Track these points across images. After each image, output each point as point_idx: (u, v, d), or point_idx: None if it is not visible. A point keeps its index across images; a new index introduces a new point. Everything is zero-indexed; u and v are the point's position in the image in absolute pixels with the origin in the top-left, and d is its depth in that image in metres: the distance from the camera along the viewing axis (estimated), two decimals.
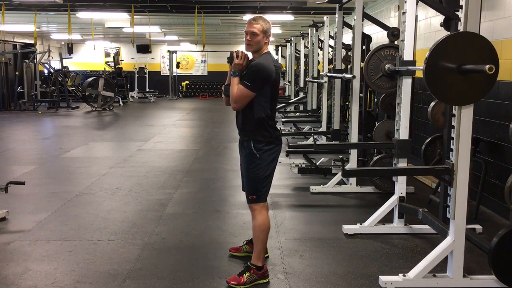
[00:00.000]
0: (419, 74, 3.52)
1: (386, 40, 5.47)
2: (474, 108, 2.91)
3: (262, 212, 3.12)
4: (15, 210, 4.55)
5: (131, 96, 19.22)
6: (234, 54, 3.03)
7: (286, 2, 9.88)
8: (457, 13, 3.21)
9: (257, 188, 3.09)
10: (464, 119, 2.91)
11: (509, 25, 4.36)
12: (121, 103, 16.81)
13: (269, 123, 3.06)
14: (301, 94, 11.35)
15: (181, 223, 4.29)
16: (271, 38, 3.18)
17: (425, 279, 3.03)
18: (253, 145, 3.05)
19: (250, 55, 3.10)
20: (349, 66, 6.83)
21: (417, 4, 3.83)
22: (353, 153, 5.34)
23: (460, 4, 2.87)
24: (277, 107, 10.66)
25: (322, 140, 7.35)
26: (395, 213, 4.02)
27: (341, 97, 6.57)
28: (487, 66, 2.54)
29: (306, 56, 10.96)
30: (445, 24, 3.63)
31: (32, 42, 15.01)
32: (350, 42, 5.75)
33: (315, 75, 9.00)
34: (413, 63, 3.82)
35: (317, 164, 6.03)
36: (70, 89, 17.07)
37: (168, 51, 20.86)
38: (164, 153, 7.69)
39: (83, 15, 11.28)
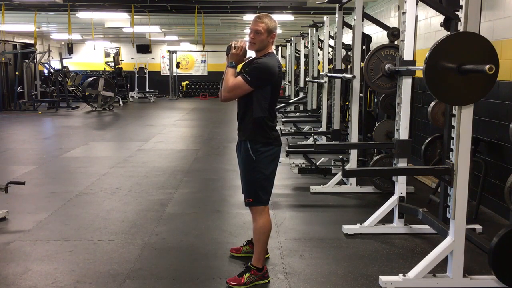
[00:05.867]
0: (419, 74, 3.52)
1: (386, 40, 5.47)
2: (474, 108, 2.91)
3: (262, 215, 3.07)
4: (15, 210, 4.55)
5: (131, 96, 19.22)
6: (232, 45, 2.99)
7: (286, 2, 9.88)
8: (457, 13, 3.21)
9: (254, 191, 3.03)
10: (464, 119, 2.90)
11: (509, 25, 4.36)
12: (121, 103, 16.81)
13: (267, 124, 2.99)
14: (301, 94, 11.34)
15: (181, 223, 4.29)
16: None
17: (425, 279, 3.03)
18: (250, 146, 2.99)
19: (253, 54, 3.05)
20: (349, 66, 6.82)
21: (417, 4, 3.83)
22: (353, 153, 5.34)
23: (460, 4, 2.87)
24: (277, 107, 10.76)
25: (322, 140, 7.35)
26: (395, 213, 4.02)
27: (341, 97, 6.57)
28: (487, 66, 2.54)
29: (306, 56, 10.96)
30: (445, 24, 3.63)
31: (32, 42, 15.01)
32: (350, 42, 5.75)
33: (315, 75, 8.99)
34: (413, 63, 3.82)
35: (317, 164, 6.03)
36: (70, 89, 17.07)
37: (168, 51, 20.86)
38: (164, 153, 7.69)
39: (83, 15, 11.28)
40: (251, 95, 2.95)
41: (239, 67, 3.05)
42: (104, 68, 21.29)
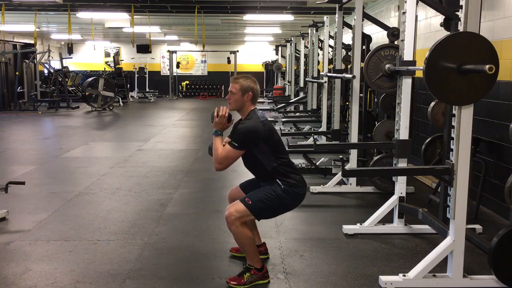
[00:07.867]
0: (419, 74, 3.52)
1: (386, 40, 5.47)
2: (474, 108, 2.91)
3: (236, 225, 2.96)
4: (15, 210, 4.55)
5: (131, 96, 19.21)
6: (215, 113, 3.03)
7: (286, 2, 9.88)
8: (457, 13, 3.21)
9: (258, 202, 2.98)
10: (464, 119, 2.91)
11: (509, 25, 4.36)
12: (121, 103, 16.81)
13: (285, 169, 3.02)
14: (301, 94, 11.35)
15: (181, 223, 4.29)
16: (271, 38, 3.14)
17: (425, 279, 3.03)
18: (278, 180, 3.02)
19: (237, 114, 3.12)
20: (349, 66, 6.82)
21: (417, 4, 3.83)
22: (353, 153, 5.33)
23: (460, 4, 2.87)
24: (278, 107, 10.76)
25: (322, 140, 7.35)
26: (395, 213, 4.02)
27: (341, 97, 6.57)
28: (487, 66, 2.54)
29: (306, 56, 10.96)
30: (445, 24, 3.63)
31: (32, 42, 15.00)
32: (350, 42, 5.75)
33: (315, 75, 9.00)
34: (413, 63, 3.82)
35: (317, 164, 6.03)
36: (70, 89, 17.07)
37: (168, 51, 20.86)
38: (164, 153, 7.69)
39: (83, 15, 11.28)
40: (253, 156, 3.01)
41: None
42: (104, 68, 21.29)
